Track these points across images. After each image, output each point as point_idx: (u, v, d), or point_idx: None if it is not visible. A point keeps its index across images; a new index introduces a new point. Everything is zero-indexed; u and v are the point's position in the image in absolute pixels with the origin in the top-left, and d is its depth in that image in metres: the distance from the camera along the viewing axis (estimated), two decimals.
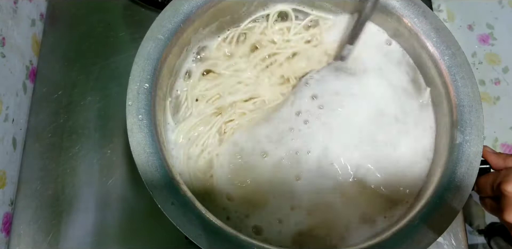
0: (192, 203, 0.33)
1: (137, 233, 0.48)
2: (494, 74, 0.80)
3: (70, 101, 0.52)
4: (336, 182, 0.39)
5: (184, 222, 0.32)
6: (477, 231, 0.75)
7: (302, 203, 0.38)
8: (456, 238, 0.49)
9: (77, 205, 0.48)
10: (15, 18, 0.51)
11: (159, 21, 0.37)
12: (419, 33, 0.40)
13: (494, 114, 0.78)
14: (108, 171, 0.50)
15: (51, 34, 0.56)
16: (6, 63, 0.49)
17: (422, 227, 0.34)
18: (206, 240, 0.32)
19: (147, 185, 0.32)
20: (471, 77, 0.38)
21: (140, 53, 0.36)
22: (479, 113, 0.37)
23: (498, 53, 0.80)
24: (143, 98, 0.35)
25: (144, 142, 0.34)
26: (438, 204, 0.35)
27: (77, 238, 0.47)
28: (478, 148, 0.36)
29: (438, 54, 0.39)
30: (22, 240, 0.47)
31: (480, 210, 0.77)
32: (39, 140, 0.51)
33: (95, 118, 0.52)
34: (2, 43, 0.48)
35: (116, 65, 0.54)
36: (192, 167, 0.39)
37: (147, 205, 0.48)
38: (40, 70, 0.54)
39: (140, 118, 0.34)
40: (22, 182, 0.49)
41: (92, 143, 0.51)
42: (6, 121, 0.48)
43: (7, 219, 0.48)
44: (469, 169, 0.36)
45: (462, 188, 0.35)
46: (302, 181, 0.38)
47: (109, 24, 0.56)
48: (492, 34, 0.81)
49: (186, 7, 0.38)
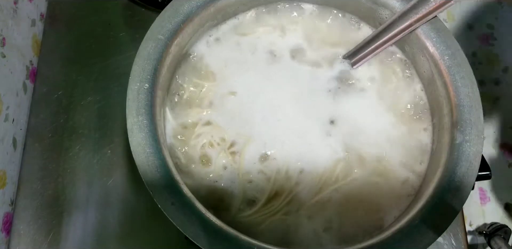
0: (192, 203, 0.33)
1: (137, 233, 0.48)
2: (494, 74, 0.80)
3: (70, 101, 0.52)
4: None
5: (184, 222, 0.32)
6: (477, 231, 0.75)
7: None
8: (456, 238, 0.49)
9: (77, 205, 0.48)
10: (15, 18, 0.51)
11: (159, 21, 0.37)
12: (419, 33, 0.40)
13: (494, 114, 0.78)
14: (108, 171, 0.50)
15: (51, 34, 0.56)
16: (6, 63, 0.49)
17: (422, 227, 0.34)
18: (206, 240, 0.32)
19: (147, 185, 0.32)
20: (471, 77, 0.38)
21: (140, 53, 0.36)
22: (479, 113, 0.37)
23: (498, 53, 0.80)
24: (143, 98, 0.35)
25: (144, 142, 0.34)
26: (438, 204, 0.35)
27: (77, 238, 0.47)
28: (478, 148, 0.36)
29: (438, 54, 0.39)
30: (22, 240, 0.47)
31: (480, 210, 0.77)
32: (39, 140, 0.51)
33: (95, 118, 0.52)
34: (2, 43, 0.48)
35: (116, 65, 0.54)
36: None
37: (147, 205, 0.48)
38: (40, 70, 0.54)
39: (140, 119, 0.34)
40: (22, 182, 0.49)
41: (92, 143, 0.51)
42: (6, 121, 0.48)
43: (7, 219, 0.48)
44: (469, 169, 0.36)
45: (462, 188, 0.35)
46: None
47: (109, 24, 0.56)
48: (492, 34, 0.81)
49: (186, 7, 0.38)
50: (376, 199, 0.39)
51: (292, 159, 0.39)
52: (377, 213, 0.39)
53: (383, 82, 0.43)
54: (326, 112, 0.41)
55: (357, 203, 0.39)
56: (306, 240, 0.37)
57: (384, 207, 0.39)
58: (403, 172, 0.40)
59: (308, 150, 0.40)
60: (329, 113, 0.41)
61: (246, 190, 0.38)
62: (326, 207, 0.38)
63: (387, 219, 0.38)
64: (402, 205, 0.39)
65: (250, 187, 0.38)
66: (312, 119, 0.41)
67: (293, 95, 0.41)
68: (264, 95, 0.41)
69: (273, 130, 0.40)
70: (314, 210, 0.38)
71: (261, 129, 0.40)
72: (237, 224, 0.37)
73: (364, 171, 0.40)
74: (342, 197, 0.39)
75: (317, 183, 0.39)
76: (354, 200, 0.39)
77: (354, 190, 0.39)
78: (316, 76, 0.42)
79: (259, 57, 0.43)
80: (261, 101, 0.41)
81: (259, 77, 0.42)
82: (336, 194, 0.39)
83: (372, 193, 0.39)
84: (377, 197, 0.39)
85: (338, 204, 0.39)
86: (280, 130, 0.40)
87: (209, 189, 0.38)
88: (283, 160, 0.39)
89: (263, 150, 0.39)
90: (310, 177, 0.39)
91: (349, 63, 0.43)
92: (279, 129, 0.40)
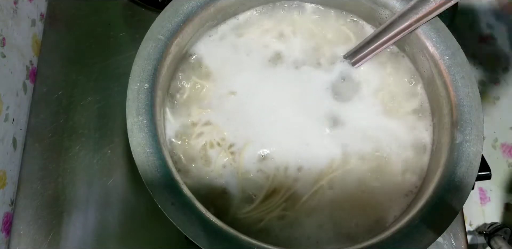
0: (192, 203, 0.33)
1: (137, 233, 0.48)
2: (494, 74, 0.80)
3: (70, 101, 0.52)
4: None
5: (184, 222, 0.32)
6: (477, 231, 0.75)
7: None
8: (456, 238, 0.49)
9: (77, 205, 0.48)
10: (15, 18, 0.51)
11: (159, 21, 0.37)
12: (419, 33, 0.40)
13: (494, 114, 0.78)
14: (108, 171, 0.50)
15: (51, 34, 0.56)
16: (6, 63, 0.49)
17: (422, 227, 0.34)
18: (206, 240, 0.32)
19: (147, 185, 0.32)
20: (471, 77, 0.38)
21: (140, 53, 0.36)
22: (479, 113, 0.37)
23: (498, 53, 0.80)
24: (143, 98, 0.35)
25: (144, 142, 0.34)
26: (438, 204, 0.35)
27: (77, 238, 0.47)
28: (478, 148, 0.36)
29: (438, 54, 0.39)
30: (22, 240, 0.47)
31: (480, 210, 0.77)
32: (39, 140, 0.51)
33: (95, 118, 0.52)
34: (2, 43, 0.48)
35: (116, 65, 0.54)
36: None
37: (147, 205, 0.48)
38: (40, 70, 0.54)
39: (140, 119, 0.34)
40: (22, 182, 0.49)
41: (92, 143, 0.51)
42: (6, 121, 0.48)
43: (7, 219, 0.48)
44: (469, 169, 0.36)
45: (462, 188, 0.35)
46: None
47: (109, 24, 0.56)
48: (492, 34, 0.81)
49: (186, 7, 0.38)
50: (375, 197, 0.39)
51: (291, 158, 0.39)
52: (376, 211, 0.39)
53: (383, 82, 0.43)
54: (326, 112, 0.41)
55: (355, 201, 0.39)
56: (305, 237, 0.37)
57: (383, 206, 0.39)
58: (403, 171, 0.40)
59: (307, 149, 0.40)
60: (329, 113, 0.41)
61: (245, 188, 0.38)
62: (325, 205, 0.38)
63: (386, 218, 0.38)
64: (401, 204, 0.39)
65: (249, 184, 0.39)
66: (312, 119, 0.41)
67: (293, 95, 0.41)
68: (264, 95, 0.41)
69: (273, 130, 0.40)
70: (312, 207, 0.38)
71: (261, 129, 0.40)
72: (237, 222, 0.37)
73: (363, 170, 0.40)
74: (340, 195, 0.39)
75: (315, 180, 0.39)
76: (352, 199, 0.39)
77: (352, 188, 0.39)
78: (316, 76, 0.42)
79: (259, 57, 0.43)
80: (261, 101, 0.41)
81: (259, 77, 0.42)
82: (335, 192, 0.39)
83: (370, 192, 0.39)
84: (376, 195, 0.39)
85: (336, 202, 0.39)
86: (279, 129, 0.40)
87: (209, 188, 0.38)
88: (282, 159, 0.39)
89: (262, 149, 0.39)
90: (308, 174, 0.39)
91: (349, 63, 0.43)
92: (279, 128, 0.40)
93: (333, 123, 0.41)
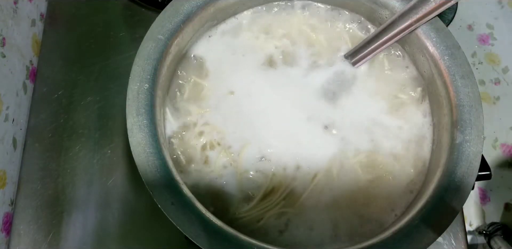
0: (192, 203, 0.33)
1: (137, 233, 0.48)
2: (494, 74, 0.80)
3: (70, 101, 0.52)
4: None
5: (184, 222, 0.32)
6: (477, 231, 0.75)
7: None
8: (456, 238, 0.49)
9: (77, 205, 0.48)
10: (15, 18, 0.51)
11: (159, 21, 0.37)
12: (419, 33, 0.40)
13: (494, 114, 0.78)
14: (108, 171, 0.50)
15: (51, 34, 0.56)
16: (6, 63, 0.49)
17: (422, 227, 0.34)
18: (206, 240, 0.32)
19: (147, 185, 0.32)
20: (471, 77, 0.38)
21: (140, 53, 0.36)
22: (479, 113, 0.37)
23: (498, 53, 0.80)
24: (143, 98, 0.35)
25: (144, 142, 0.34)
26: (438, 204, 0.35)
27: (77, 238, 0.47)
28: (478, 148, 0.36)
29: (438, 54, 0.39)
30: (22, 240, 0.47)
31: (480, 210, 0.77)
32: (39, 140, 0.51)
33: (95, 118, 0.52)
34: (2, 43, 0.48)
35: (116, 65, 0.54)
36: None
37: (147, 205, 0.48)
38: (40, 70, 0.54)
39: (140, 119, 0.34)
40: (22, 182, 0.49)
41: (92, 143, 0.51)
42: (6, 121, 0.48)
43: (7, 219, 0.48)
44: (469, 169, 0.36)
45: (462, 188, 0.35)
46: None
47: (109, 24, 0.56)
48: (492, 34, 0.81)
49: (186, 7, 0.38)
50: (374, 196, 0.39)
51: (290, 157, 0.39)
52: (375, 210, 0.39)
53: (383, 82, 0.43)
54: (326, 112, 0.41)
55: (354, 200, 0.39)
56: (304, 237, 0.37)
57: (383, 205, 0.39)
58: (402, 171, 0.40)
59: (306, 148, 0.40)
60: (329, 112, 0.41)
61: (245, 187, 0.38)
62: (324, 203, 0.39)
63: (386, 218, 0.38)
64: (401, 203, 0.39)
65: (248, 184, 0.39)
66: (312, 118, 0.41)
67: (293, 94, 0.41)
68: (264, 95, 0.41)
69: (271, 129, 0.40)
70: (311, 206, 0.38)
71: (260, 128, 0.40)
72: (236, 222, 0.37)
73: (363, 170, 0.40)
74: (339, 194, 0.39)
75: (314, 179, 0.39)
76: (351, 197, 0.39)
77: (351, 187, 0.39)
78: (316, 76, 0.42)
79: (259, 57, 0.43)
80: (261, 101, 0.41)
81: (259, 77, 0.42)
82: (333, 191, 0.39)
83: (369, 191, 0.39)
84: (375, 194, 0.39)
85: (335, 201, 0.39)
86: (278, 129, 0.40)
87: (209, 188, 0.38)
88: (281, 158, 0.39)
89: (262, 149, 0.39)
90: (307, 173, 0.39)
91: (350, 63, 0.43)
92: (277, 128, 0.40)
93: (332, 122, 0.41)
